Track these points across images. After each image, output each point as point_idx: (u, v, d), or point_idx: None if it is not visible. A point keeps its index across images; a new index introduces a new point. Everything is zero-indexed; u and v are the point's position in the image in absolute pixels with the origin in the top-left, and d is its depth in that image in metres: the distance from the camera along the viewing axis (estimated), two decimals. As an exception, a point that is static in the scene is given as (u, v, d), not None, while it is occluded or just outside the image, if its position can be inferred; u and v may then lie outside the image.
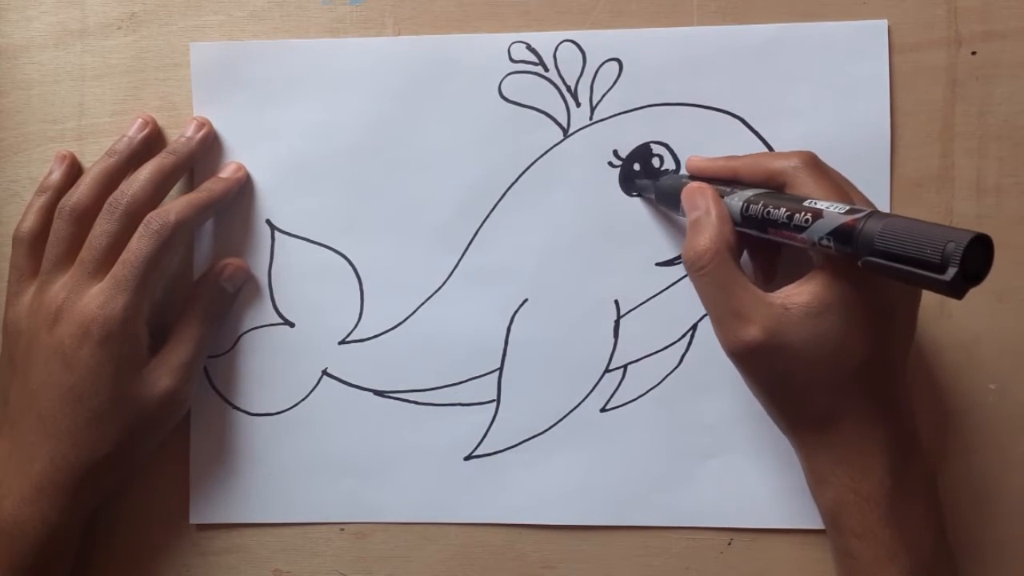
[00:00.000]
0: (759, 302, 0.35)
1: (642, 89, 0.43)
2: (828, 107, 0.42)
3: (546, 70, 0.43)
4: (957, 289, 0.29)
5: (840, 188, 0.36)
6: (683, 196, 0.39)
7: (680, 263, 0.43)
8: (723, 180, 0.39)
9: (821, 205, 0.34)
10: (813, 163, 0.37)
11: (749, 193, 0.37)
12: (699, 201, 0.38)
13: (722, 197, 0.38)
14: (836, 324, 0.34)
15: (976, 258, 0.30)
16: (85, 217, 0.41)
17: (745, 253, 0.40)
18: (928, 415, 0.42)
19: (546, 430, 0.44)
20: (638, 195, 0.43)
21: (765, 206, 0.36)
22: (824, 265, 0.35)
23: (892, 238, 0.31)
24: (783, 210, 0.35)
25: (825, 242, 0.33)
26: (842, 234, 0.32)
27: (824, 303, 0.34)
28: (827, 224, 0.33)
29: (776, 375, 0.36)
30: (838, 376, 0.35)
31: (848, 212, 0.33)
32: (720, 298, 0.36)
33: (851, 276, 0.34)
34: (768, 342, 0.35)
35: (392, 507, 0.44)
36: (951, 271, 0.29)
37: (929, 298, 0.41)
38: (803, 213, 0.34)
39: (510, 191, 0.44)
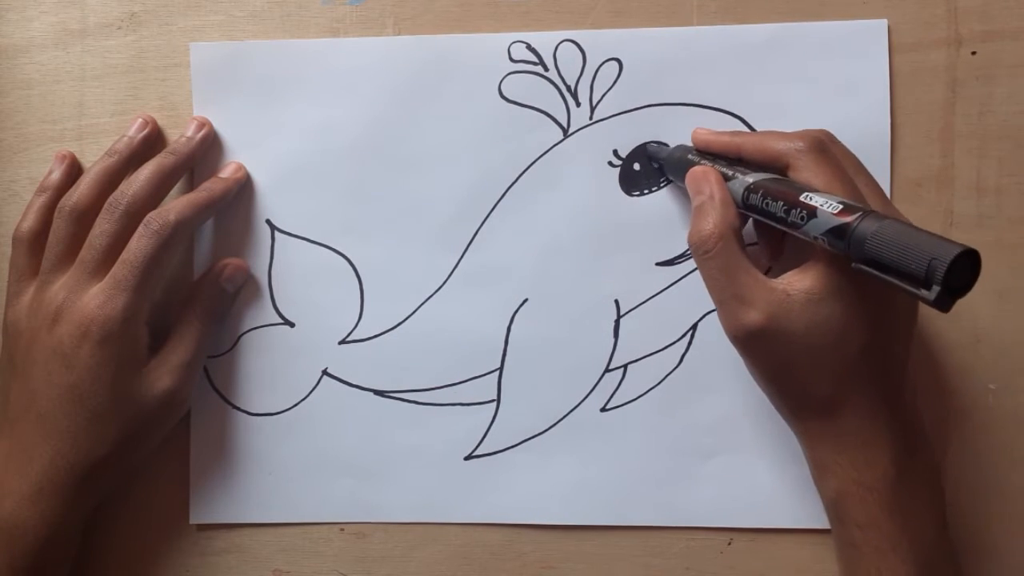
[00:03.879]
0: (761, 287, 0.35)
1: (642, 89, 0.43)
2: (828, 107, 0.42)
3: (546, 70, 0.43)
4: (942, 304, 0.29)
5: (843, 174, 0.36)
6: (687, 181, 0.39)
7: (680, 262, 0.43)
8: (727, 158, 0.39)
9: (816, 201, 0.33)
10: (818, 146, 0.36)
11: (750, 180, 0.37)
12: (703, 186, 0.38)
13: (726, 180, 0.38)
14: (837, 311, 0.34)
15: (963, 271, 0.29)
16: (85, 217, 0.41)
17: (752, 228, 0.40)
18: (928, 415, 0.42)
19: (546, 430, 0.44)
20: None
21: (764, 197, 0.36)
22: (826, 251, 0.35)
23: (881, 245, 0.31)
24: (780, 203, 0.35)
25: (821, 239, 0.33)
26: (836, 233, 0.32)
27: (826, 289, 0.34)
28: (820, 224, 0.33)
29: (777, 361, 0.36)
30: (839, 363, 0.35)
31: (842, 212, 0.32)
32: (724, 282, 0.36)
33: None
34: (768, 326, 0.35)
35: (392, 507, 0.44)
36: (935, 288, 0.29)
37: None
38: (799, 209, 0.34)
39: (510, 191, 0.44)
